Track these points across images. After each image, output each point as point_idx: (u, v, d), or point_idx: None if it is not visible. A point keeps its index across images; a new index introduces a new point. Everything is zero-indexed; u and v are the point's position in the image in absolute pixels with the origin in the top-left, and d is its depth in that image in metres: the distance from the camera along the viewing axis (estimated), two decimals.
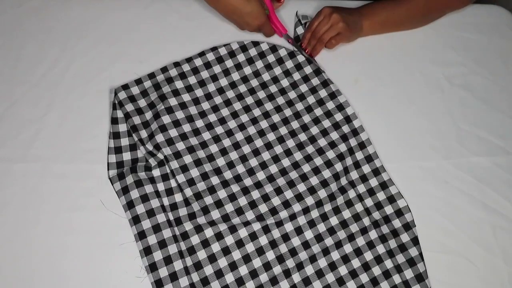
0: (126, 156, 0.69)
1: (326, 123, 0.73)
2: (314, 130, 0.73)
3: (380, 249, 0.66)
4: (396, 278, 0.65)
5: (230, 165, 0.70)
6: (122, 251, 0.65)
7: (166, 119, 0.70)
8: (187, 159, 0.69)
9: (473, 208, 0.70)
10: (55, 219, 0.66)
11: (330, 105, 0.74)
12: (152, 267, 0.63)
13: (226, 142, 0.71)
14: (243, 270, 0.64)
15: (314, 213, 0.68)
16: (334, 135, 0.72)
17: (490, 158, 0.73)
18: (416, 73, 0.79)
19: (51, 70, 0.76)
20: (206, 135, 0.71)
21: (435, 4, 0.77)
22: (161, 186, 0.67)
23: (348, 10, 0.76)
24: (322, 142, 0.72)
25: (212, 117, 0.72)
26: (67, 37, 0.78)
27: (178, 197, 0.67)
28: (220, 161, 0.70)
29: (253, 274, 0.64)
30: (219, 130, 0.72)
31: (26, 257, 0.64)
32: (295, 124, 0.73)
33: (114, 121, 0.70)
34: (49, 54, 0.77)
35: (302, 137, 0.72)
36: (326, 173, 0.70)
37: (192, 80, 0.74)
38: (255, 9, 0.71)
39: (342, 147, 0.71)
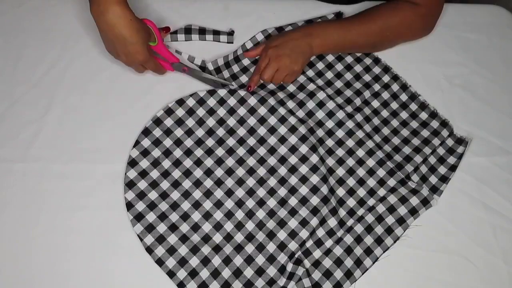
0: None
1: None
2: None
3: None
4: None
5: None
6: (123, 250, 0.65)
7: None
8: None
9: (473, 208, 0.70)
10: (55, 219, 0.66)
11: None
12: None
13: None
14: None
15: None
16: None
17: (489, 158, 0.73)
18: (416, 73, 0.79)
19: (51, 70, 0.76)
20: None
21: (387, 34, 0.75)
22: None
23: (289, 34, 0.74)
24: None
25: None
26: (67, 37, 0.78)
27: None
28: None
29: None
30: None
31: (26, 257, 0.64)
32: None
33: None
34: (49, 54, 0.77)
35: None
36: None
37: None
38: (140, 42, 0.66)
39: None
